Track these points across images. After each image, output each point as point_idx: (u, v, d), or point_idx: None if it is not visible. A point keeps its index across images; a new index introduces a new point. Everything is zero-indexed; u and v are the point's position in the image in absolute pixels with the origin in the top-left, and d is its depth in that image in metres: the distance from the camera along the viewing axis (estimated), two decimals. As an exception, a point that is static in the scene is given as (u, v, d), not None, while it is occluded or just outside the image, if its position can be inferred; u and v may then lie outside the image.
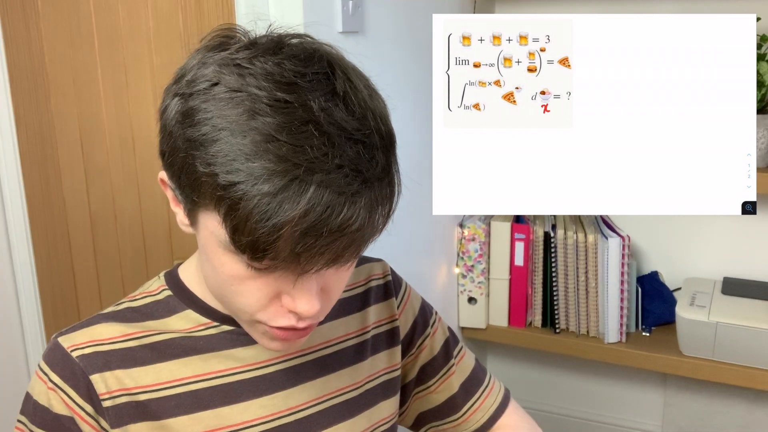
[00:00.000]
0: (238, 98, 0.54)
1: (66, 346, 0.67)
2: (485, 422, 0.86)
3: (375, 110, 0.58)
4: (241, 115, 0.54)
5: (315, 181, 0.53)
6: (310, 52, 0.58)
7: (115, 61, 1.34)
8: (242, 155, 0.53)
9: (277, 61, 0.56)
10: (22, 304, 1.60)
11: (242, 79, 0.55)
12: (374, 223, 0.57)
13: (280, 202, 0.52)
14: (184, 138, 0.57)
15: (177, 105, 0.58)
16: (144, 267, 1.43)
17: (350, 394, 0.77)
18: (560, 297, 1.62)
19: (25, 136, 1.51)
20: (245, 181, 0.53)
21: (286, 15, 1.09)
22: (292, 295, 0.60)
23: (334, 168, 0.54)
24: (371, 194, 0.56)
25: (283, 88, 0.54)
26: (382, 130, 0.58)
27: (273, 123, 0.53)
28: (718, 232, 1.62)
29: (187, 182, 0.58)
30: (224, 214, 0.55)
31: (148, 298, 0.72)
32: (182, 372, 0.69)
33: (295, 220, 0.53)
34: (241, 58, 0.56)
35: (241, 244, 0.55)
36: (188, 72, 0.59)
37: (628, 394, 1.80)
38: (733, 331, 1.41)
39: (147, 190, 1.37)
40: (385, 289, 0.82)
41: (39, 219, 1.55)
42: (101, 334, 0.68)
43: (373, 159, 0.56)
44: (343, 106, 0.56)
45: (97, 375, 0.66)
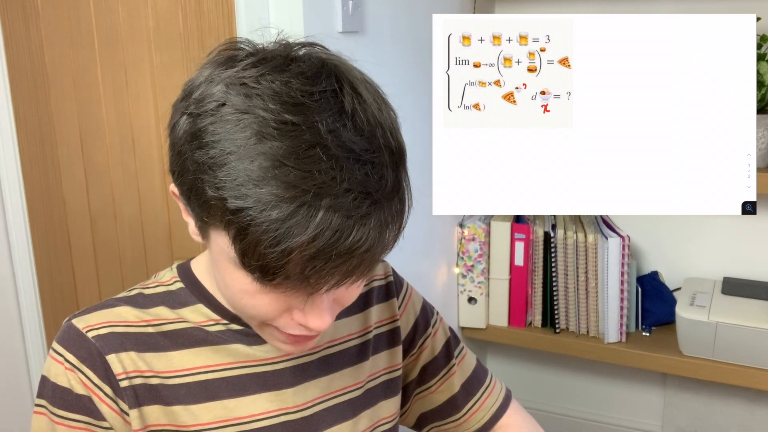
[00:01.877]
0: (246, 120, 0.54)
1: (81, 327, 0.68)
2: (486, 422, 0.86)
3: (384, 124, 0.58)
4: (248, 139, 0.54)
5: (323, 206, 0.53)
6: (318, 67, 0.58)
7: (115, 61, 1.34)
8: (250, 181, 0.53)
9: (284, 80, 0.56)
10: (22, 304, 1.60)
11: (249, 101, 0.55)
12: (384, 242, 0.57)
13: (289, 228, 0.52)
14: (192, 160, 0.57)
15: (186, 124, 0.58)
16: (144, 267, 1.43)
17: (353, 393, 0.77)
18: (560, 297, 1.62)
19: (25, 136, 1.51)
20: (253, 207, 0.53)
21: (286, 15, 1.09)
22: (304, 312, 0.61)
23: (342, 192, 0.53)
24: (381, 215, 0.56)
25: (291, 110, 0.54)
26: (392, 145, 0.58)
27: (280, 147, 0.53)
28: (718, 232, 1.62)
29: (197, 203, 0.58)
30: (233, 237, 0.55)
31: (160, 287, 0.73)
32: (193, 362, 0.69)
33: (305, 245, 0.53)
34: (248, 77, 0.56)
35: (250, 266, 0.55)
36: (196, 89, 0.59)
37: (628, 394, 1.80)
38: (733, 331, 1.41)
39: (147, 190, 1.37)
40: (387, 289, 0.83)
41: (39, 219, 1.55)
42: (117, 316, 0.69)
43: (382, 178, 0.56)
44: (352, 125, 0.56)
45: (113, 355, 0.67)
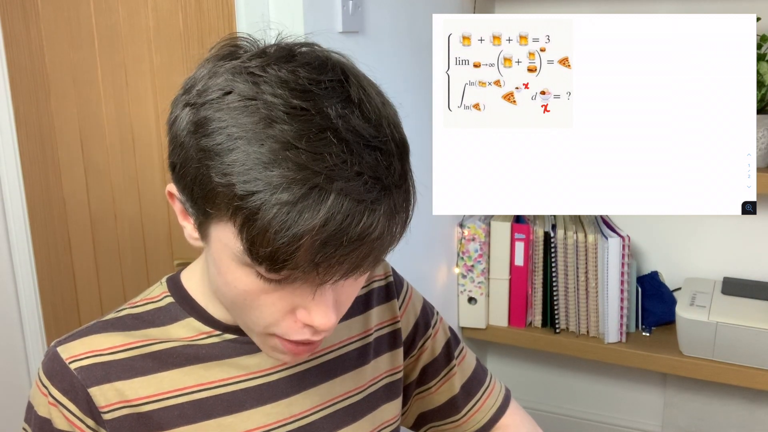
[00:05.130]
0: (253, 106, 0.53)
1: (64, 357, 0.66)
2: (486, 423, 0.86)
3: (389, 118, 0.58)
4: (257, 124, 0.53)
5: (335, 189, 0.52)
6: (322, 60, 0.57)
7: (115, 61, 1.34)
8: (260, 164, 0.52)
9: (290, 68, 0.55)
10: (22, 304, 1.60)
11: (256, 87, 0.54)
12: (393, 232, 0.56)
13: (300, 212, 0.51)
14: (197, 148, 0.55)
15: (188, 115, 0.57)
16: (144, 267, 1.43)
17: (354, 398, 0.76)
18: (560, 297, 1.62)
19: (25, 136, 1.51)
20: (264, 190, 0.51)
21: (287, 15, 1.09)
22: (309, 309, 0.59)
23: (353, 175, 0.53)
24: (390, 202, 0.55)
25: (299, 96, 0.54)
26: (397, 137, 0.58)
27: (290, 130, 0.52)
28: (718, 232, 1.62)
29: (201, 194, 0.57)
30: (241, 224, 0.53)
31: (149, 304, 0.71)
32: (184, 381, 0.68)
33: (316, 230, 0.52)
34: (253, 66, 0.55)
35: (258, 255, 0.53)
36: (198, 82, 0.58)
37: (628, 394, 1.80)
38: (733, 331, 1.41)
39: (147, 190, 1.37)
40: (387, 290, 0.82)
41: (39, 219, 1.55)
42: (100, 344, 0.67)
43: (391, 166, 0.55)
44: (359, 113, 0.55)
45: (95, 388, 0.65)
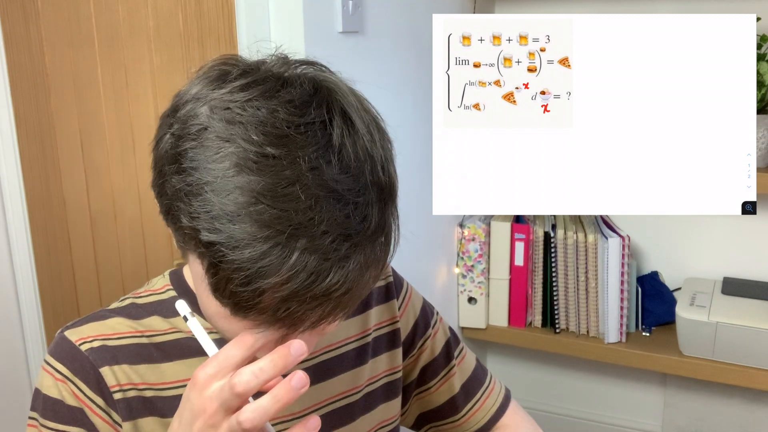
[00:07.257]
0: (226, 150, 0.52)
1: (74, 340, 0.67)
2: (486, 423, 0.86)
3: (375, 157, 0.55)
4: (227, 170, 0.51)
5: (299, 248, 0.50)
6: (310, 93, 0.55)
7: (115, 61, 1.34)
8: (224, 215, 0.51)
9: (271, 107, 0.53)
10: (22, 304, 1.60)
11: (231, 128, 0.52)
12: (365, 283, 0.55)
13: (261, 268, 0.50)
14: (170, 185, 0.55)
15: (168, 144, 0.56)
16: (144, 267, 1.43)
17: (351, 397, 0.76)
18: (560, 297, 1.62)
19: (25, 136, 1.51)
20: (226, 243, 0.51)
21: (287, 15, 1.09)
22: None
23: (319, 234, 0.51)
24: (361, 257, 0.53)
25: (273, 142, 0.52)
26: (381, 181, 0.55)
27: (258, 182, 0.51)
28: (718, 232, 1.62)
29: (174, 228, 0.57)
30: (206, 268, 0.53)
31: (153, 296, 0.72)
32: (186, 373, 0.69)
33: (277, 287, 0.51)
34: (233, 101, 0.54)
35: (223, 299, 0.53)
36: (182, 106, 0.57)
37: (628, 394, 1.80)
38: (733, 331, 1.41)
39: (147, 190, 1.37)
40: (387, 290, 0.82)
41: (39, 219, 1.55)
42: (110, 328, 0.69)
43: (366, 219, 0.53)
44: (337, 161, 0.53)
45: (106, 368, 0.66)
